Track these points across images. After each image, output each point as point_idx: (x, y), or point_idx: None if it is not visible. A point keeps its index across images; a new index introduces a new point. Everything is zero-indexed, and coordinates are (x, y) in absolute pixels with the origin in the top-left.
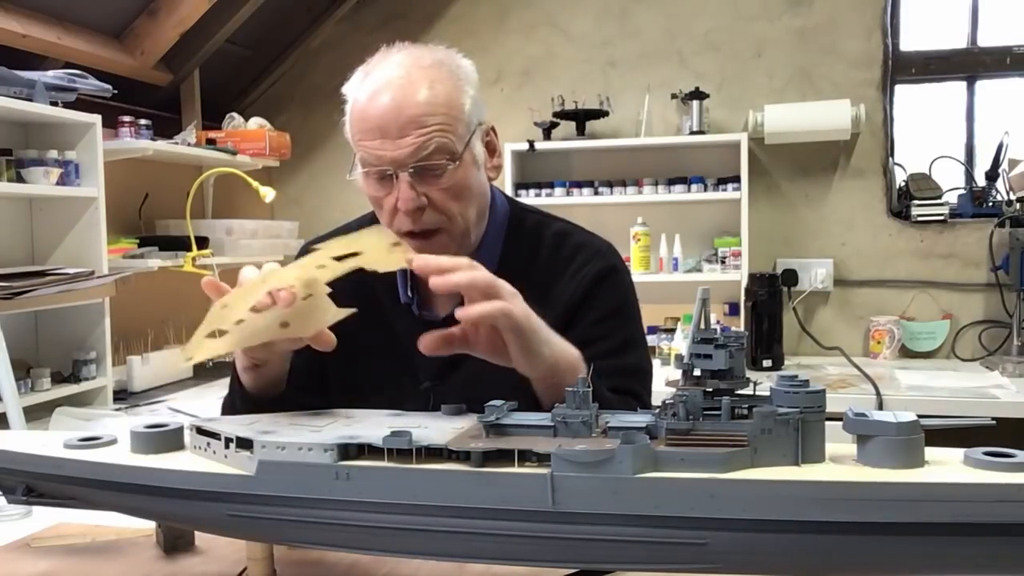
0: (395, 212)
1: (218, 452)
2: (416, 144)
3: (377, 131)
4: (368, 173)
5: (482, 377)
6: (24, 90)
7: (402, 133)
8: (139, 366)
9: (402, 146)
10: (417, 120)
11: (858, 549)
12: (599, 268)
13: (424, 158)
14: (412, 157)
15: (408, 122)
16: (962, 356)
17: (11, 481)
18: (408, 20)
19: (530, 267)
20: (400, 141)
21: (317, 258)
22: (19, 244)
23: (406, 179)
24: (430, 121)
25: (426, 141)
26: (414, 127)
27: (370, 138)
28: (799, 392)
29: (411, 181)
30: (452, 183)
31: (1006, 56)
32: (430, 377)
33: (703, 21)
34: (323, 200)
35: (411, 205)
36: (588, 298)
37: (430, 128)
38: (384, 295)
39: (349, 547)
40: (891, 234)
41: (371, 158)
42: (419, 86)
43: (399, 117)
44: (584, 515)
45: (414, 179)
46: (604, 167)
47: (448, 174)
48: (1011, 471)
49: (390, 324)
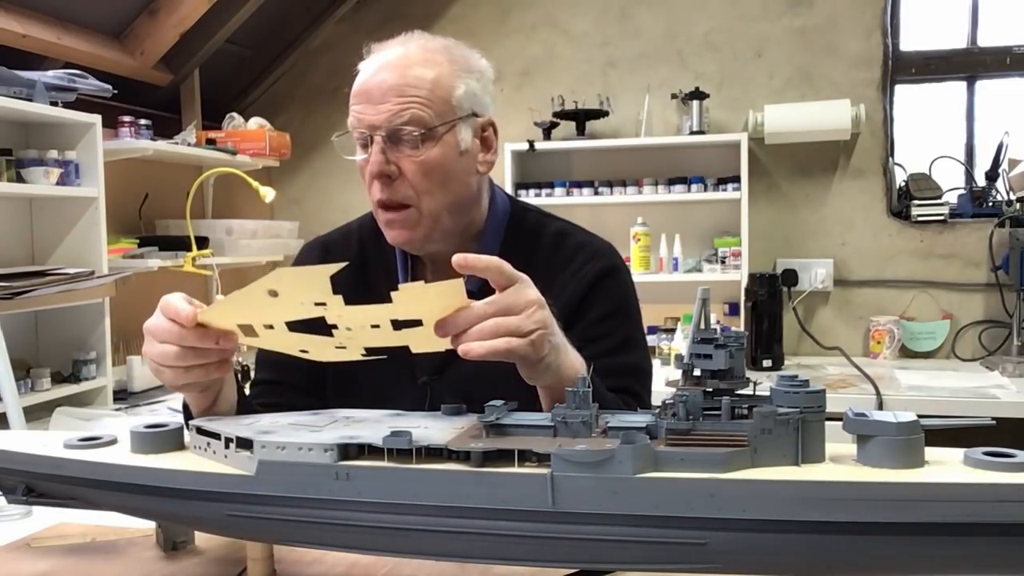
0: (372, 181)
1: (218, 452)
2: (392, 111)
3: (363, 95)
4: (350, 137)
5: (480, 372)
6: (24, 90)
7: (383, 99)
8: (139, 366)
9: (380, 111)
10: (398, 88)
11: (858, 549)
12: (600, 268)
13: (396, 125)
14: (386, 122)
15: (389, 89)
16: (962, 356)
17: (11, 481)
18: (408, 20)
19: (529, 264)
20: (379, 106)
21: (376, 313)
22: (19, 244)
23: (379, 142)
24: (410, 92)
25: (402, 109)
26: (394, 94)
27: (356, 103)
28: (799, 392)
29: (384, 146)
30: (423, 159)
31: (1006, 56)
32: (427, 371)
33: (703, 21)
34: (323, 200)
35: (376, 168)
36: (588, 297)
37: (409, 98)
38: (386, 288)
39: (349, 547)
40: (891, 234)
41: (353, 121)
42: (413, 61)
43: (382, 84)
44: (584, 515)
45: (387, 145)
46: (604, 167)
47: (422, 148)
48: (1011, 471)
49: None
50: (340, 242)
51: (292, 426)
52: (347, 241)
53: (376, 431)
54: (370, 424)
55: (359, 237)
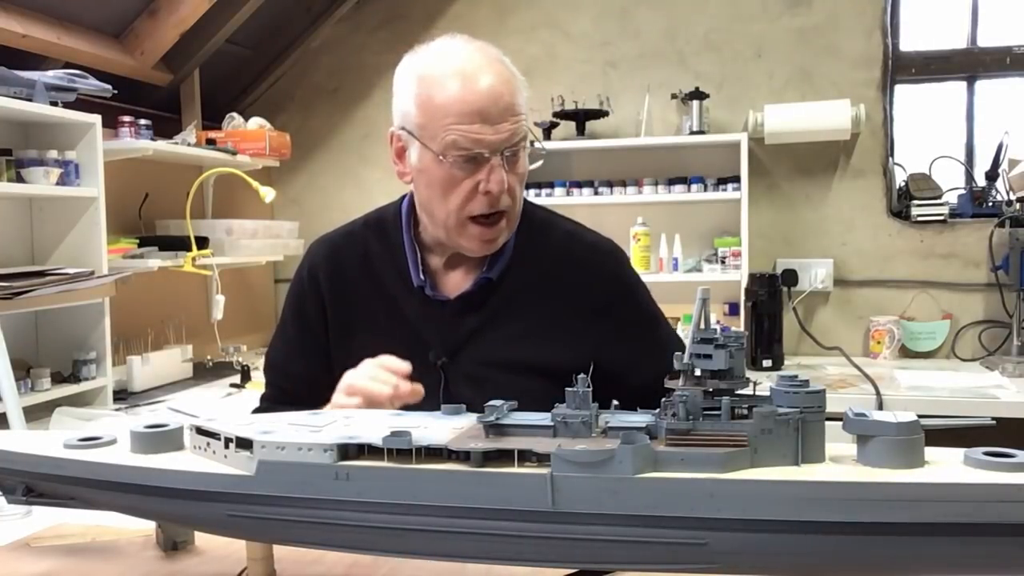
0: (472, 194)
1: (218, 452)
2: (511, 130)
3: (477, 115)
4: (457, 156)
5: (494, 355)
6: (24, 90)
7: (501, 119)
8: (139, 366)
9: (500, 131)
10: (512, 108)
11: (858, 549)
12: (612, 263)
13: (515, 144)
14: (508, 142)
15: (506, 109)
16: (962, 356)
17: (11, 481)
18: (408, 20)
19: (542, 259)
20: (499, 126)
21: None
22: (19, 244)
23: (499, 163)
24: (519, 109)
25: (518, 128)
26: (510, 114)
27: (468, 121)
28: (799, 392)
29: (504, 165)
30: (523, 170)
31: (1006, 56)
32: (444, 353)
33: (703, 21)
34: (323, 200)
35: (501, 188)
36: (607, 287)
37: (519, 116)
38: (395, 282)
39: (349, 547)
40: (891, 234)
41: (467, 141)
42: (506, 76)
43: (498, 103)
44: (584, 515)
45: (505, 163)
46: (604, 167)
47: (523, 161)
48: (1011, 471)
49: (402, 308)
50: (346, 241)
51: (292, 426)
52: (352, 240)
53: (376, 431)
54: (370, 424)
55: (364, 236)
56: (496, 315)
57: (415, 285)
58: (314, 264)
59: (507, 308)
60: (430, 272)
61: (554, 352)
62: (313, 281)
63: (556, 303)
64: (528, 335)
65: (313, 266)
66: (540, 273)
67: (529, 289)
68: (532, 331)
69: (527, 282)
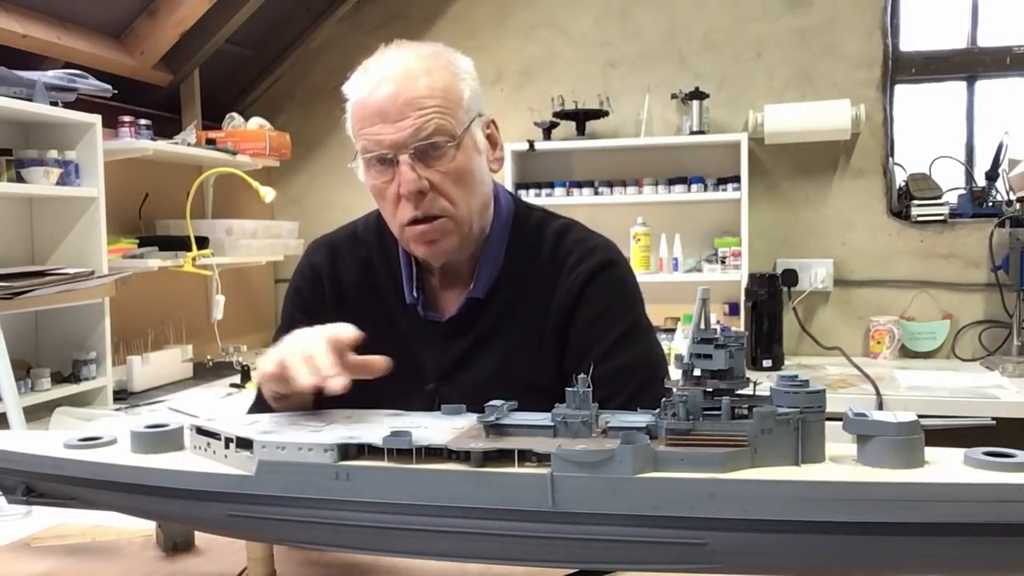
0: (398, 201)
1: (218, 452)
2: (415, 125)
3: (376, 116)
4: (369, 161)
5: (488, 378)
6: (24, 90)
7: (401, 116)
8: (139, 366)
9: (402, 128)
10: (415, 103)
11: (858, 549)
12: (592, 266)
13: (423, 139)
14: (412, 138)
15: (406, 105)
16: (962, 356)
17: (11, 481)
18: (408, 20)
19: (533, 266)
20: (399, 123)
21: None
22: (19, 244)
23: (407, 161)
24: (428, 103)
25: (425, 122)
26: (412, 109)
27: (369, 124)
28: (799, 392)
29: (412, 163)
30: (453, 167)
31: (1006, 56)
32: (436, 378)
33: (703, 21)
34: (323, 200)
35: (412, 187)
36: (580, 300)
37: (428, 110)
38: (391, 296)
39: (349, 547)
40: (891, 234)
41: (371, 144)
42: (417, 73)
43: (397, 101)
44: (584, 515)
45: (414, 161)
46: (604, 167)
47: (448, 157)
48: (1011, 471)
49: (397, 324)
50: (346, 242)
51: (292, 426)
52: (353, 241)
53: (376, 431)
54: (370, 424)
55: (365, 241)
56: (485, 337)
57: (408, 303)
58: (315, 263)
59: (495, 328)
60: (428, 289)
61: (544, 368)
62: (316, 279)
63: (545, 315)
64: (517, 354)
65: (315, 265)
66: (530, 284)
67: (518, 303)
68: (521, 350)
69: (516, 295)
